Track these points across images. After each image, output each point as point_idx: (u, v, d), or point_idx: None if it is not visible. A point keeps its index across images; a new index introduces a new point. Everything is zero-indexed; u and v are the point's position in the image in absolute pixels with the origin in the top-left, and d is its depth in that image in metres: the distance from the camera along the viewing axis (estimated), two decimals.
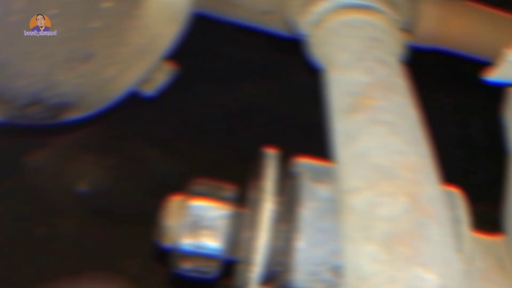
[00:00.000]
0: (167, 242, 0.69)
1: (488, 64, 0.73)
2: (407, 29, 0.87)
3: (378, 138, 0.60)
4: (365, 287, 0.50)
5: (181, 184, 0.73)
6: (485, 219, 0.87)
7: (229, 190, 0.71)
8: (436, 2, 1.44)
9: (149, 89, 1.00)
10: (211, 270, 0.69)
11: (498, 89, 0.88)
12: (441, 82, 1.84)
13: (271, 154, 0.73)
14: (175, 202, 0.70)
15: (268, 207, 0.67)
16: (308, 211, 0.69)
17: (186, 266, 0.69)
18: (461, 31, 1.47)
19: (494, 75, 0.74)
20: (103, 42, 0.78)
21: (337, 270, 0.67)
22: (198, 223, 0.67)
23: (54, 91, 0.79)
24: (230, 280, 0.76)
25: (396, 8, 0.87)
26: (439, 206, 0.55)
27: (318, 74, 0.78)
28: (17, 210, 1.18)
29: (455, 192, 0.77)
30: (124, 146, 1.32)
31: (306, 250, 0.68)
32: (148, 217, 0.81)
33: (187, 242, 0.67)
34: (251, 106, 1.49)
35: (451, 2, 1.46)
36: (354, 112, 0.64)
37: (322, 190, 0.71)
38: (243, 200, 0.74)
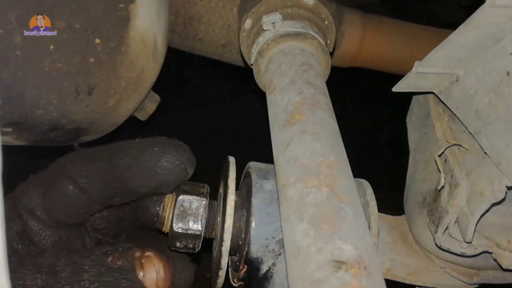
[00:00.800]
0: (164, 228, 0.67)
1: (399, 77, 0.71)
2: (332, 52, 0.84)
3: (305, 145, 0.58)
4: (300, 255, 0.48)
5: None
6: (390, 203, 0.85)
7: (205, 188, 0.68)
8: (357, 24, 1.39)
9: (143, 116, 0.96)
10: (195, 246, 0.67)
11: (407, 98, 0.86)
12: (356, 95, 1.84)
13: (232, 161, 0.71)
14: (168, 198, 0.67)
15: (231, 199, 0.65)
16: (258, 200, 0.68)
17: (178, 244, 0.66)
18: (379, 52, 1.43)
19: (402, 86, 0.72)
20: (101, 77, 0.74)
21: (281, 243, 0.66)
22: (185, 213, 0.66)
23: (69, 118, 0.75)
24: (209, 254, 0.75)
25: (324, 32, 0.84)
26: (353, 194, 0.54)
27: (262, 96, 0.75)
28: None
29: (365, 182, 0.75)
30: None
31: (258, 228, 0.66)
32: None
33: (178, 226, 0.65)
34: (216, 123, 1.48)
35: (372, 21, 1.42)
36: (288, 125, 0.62)
37: (267, 184, 0.69)
38: (215, 194, 0.72)
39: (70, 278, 0.55)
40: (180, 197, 0.66)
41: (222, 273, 0.66)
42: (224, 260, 0.65)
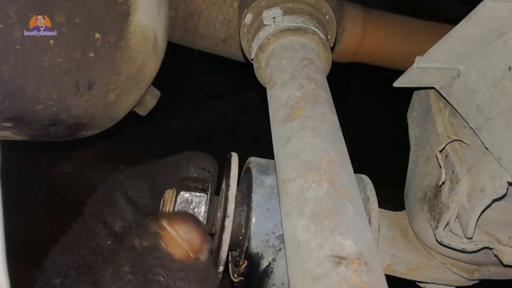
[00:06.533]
0: None
1: (400, 72, 0.70)
2: (333, 47, 0.84)
3: (306, 140, 0.57)
4: (301, 251, 0.48)
5: None
6: (390, 199, 0.85)
7: (206, 183, 0.68)
8: (358, 19, 1.39)
9: (143, 111, 0.96)
10: None
11: (408, 94, 0.86)
12: (357, 91, 1.83)
13: (235, 156, 0.71)
14: (169, 193, 0.67)
15: (232, 195, 0.66)
16: (258, 196, 0.68)
17: None
18: (380, 47, 1.43)
19: (403, 81, 0.71)
20: (101, 72, 0.74)
21: (281, 238, 0.66)
22: (185, 209, 0.66)
23: (69, 113, 0.75)
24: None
25: (325, 27, 0.83)
26: (353, 189, 0.53)
27: (263, 91, 0.75)
28: (49, 211, 1.12)
29: (366, 178, 0.75)
30: (128, 155, 1.27)
31: (259, 224, 0.67)
32: None
33: None
34: (216, 119, 1.47)
35: (373, 16, 1.42)
36: (288, 120, 0.61)
37: (267, 180, 0.70)
38: (217, 189, 0.73)
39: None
40: (181, 193, 0.66)
41: (221, 268, 0.66)
42: (224, 253, 0.65)
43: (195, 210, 0.66)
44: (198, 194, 0.66)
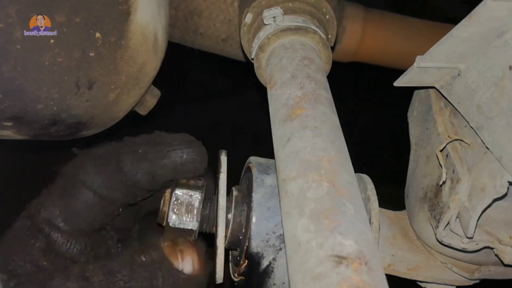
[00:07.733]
0: (163, 222, 0.66)
1: (400, 72, 0.70)
2: (333, 46, 0.84)
3: (306, 140, 0.57)
4: (301, 250, 0.48)
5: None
6: (391, 198, 0.85)
7: (201, 182, 0.68)
8: (359, 19, 1.39)
9: (143, 111, 0.96)
10: (191, 239, 0.66)
11: (408, 93, 0.86)
12: (357, 90, 1.83)
13: (223, 154, 0.70)
14: (167, 193, 0.67)
15: (223, 193, 0.66)
16: (259, 195, 0.68)
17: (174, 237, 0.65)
18: (380, 47, 1.43)
19: (403, 81, 0.71)
20: (101, 71, 0.74)
21: (281, 238, 0.66)
22: (183, 208, 0.65)
23: (69, 113, 0.75)
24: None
25: (325, 26, 0.83)
26: (353, 189, 0.53)
27: (263, 91, 0.75)
28: None
29: (366, 177, 0.75)
30: None
31: (259, 223, 0.66)
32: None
33: (172, 221, 0.65)
34: (216, 118, 1.48)
35: (373, 16, 1.42)
36: (289, 120, 0.61)
37: (268, 179, 0.69)
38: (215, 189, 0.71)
39: (104, 280, 0.55)
40: (175, 191, 0.66)
41: (220, 267, 0.66)
42: (221, 247, 0.64)
43: (190, 210, 0.66)
44: (192, 192, 0.66)
